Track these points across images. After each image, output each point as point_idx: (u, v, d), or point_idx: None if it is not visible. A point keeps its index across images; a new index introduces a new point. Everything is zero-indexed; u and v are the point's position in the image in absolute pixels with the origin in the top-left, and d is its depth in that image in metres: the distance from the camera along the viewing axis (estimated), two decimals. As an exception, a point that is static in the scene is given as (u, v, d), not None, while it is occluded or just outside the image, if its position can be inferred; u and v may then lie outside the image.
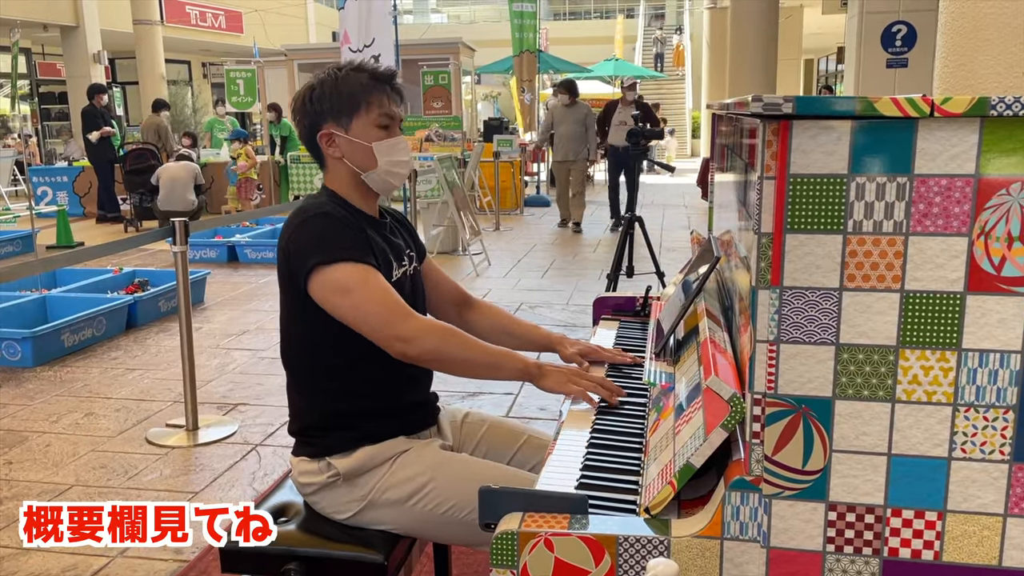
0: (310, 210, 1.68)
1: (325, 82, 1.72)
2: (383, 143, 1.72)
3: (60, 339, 4.83)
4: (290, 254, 1.65)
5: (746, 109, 1.07)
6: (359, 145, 1.71)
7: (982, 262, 1.03)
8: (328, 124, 1.72)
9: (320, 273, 1.60)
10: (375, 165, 1.73)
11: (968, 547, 1.09)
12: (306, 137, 1.76)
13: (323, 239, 1.62)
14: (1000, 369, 1.04)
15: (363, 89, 1.71)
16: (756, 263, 1.08)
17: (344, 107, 1.70)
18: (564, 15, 33.15)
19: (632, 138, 5.57)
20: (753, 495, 1.12)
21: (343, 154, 1.73)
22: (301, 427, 1.76)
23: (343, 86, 1.71)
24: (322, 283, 1.61)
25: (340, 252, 1.61)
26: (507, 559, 1.16)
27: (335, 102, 1.71)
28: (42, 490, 3.12)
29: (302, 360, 1.74)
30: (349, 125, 1.71)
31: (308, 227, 1.65)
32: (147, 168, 9.75)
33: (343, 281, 1.59)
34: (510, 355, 1.69)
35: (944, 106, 0.99)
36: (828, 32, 18.68)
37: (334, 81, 1.71)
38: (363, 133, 1.71)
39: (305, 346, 1.71)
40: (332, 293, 1.60)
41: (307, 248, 1.62)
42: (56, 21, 14.84)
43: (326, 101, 1.71)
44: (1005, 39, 2.10)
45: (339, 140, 1.72)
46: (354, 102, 1.71)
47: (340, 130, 1.71)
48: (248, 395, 4.17)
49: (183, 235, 3.55)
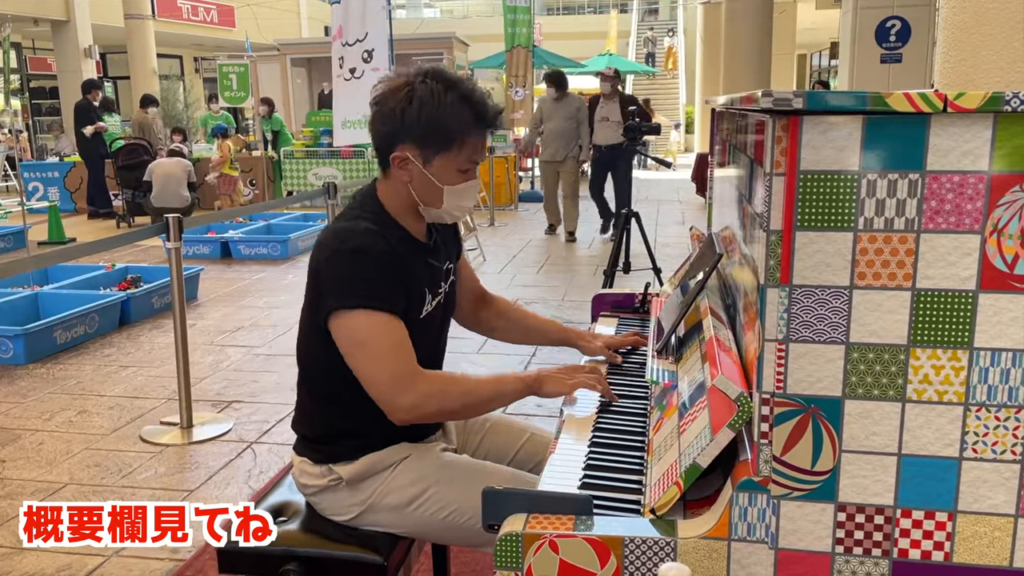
0: (349, 239, 1.54)
1: (426, 104, 1.53)
2: (456, 188, 1.60)
3: (52, 336, 4.80)
4: (319, 279, 1.57)
5: (755, 104, 1.05)
6: (432, 182, 1.59)
7: (995, 260, 1.01)
8: (408, 147, 1.57)
9: (340, 316, 1.53)
10: (439, 205, 1.62)
11: (979, 548, 1.08)
12: (379, 142, 1.61)
13: (352, 280, 1.52)
14: (1012, 368, 1.03)
15: (462, 128, 1.56)
16: (765, 261, 1.06)
17: (434, 140, 1.55)
18: (558, 10, 33.10)
19: (629, 133, 5.54)
20: (761, 496, 1.10)
21: (411, 180, 1.60)
22: (308, 432, 1.73)
23: (443, 117, 1.54)
24: (339, 325, 1.54)
25: (364, 299, 1.51)
26: (511, 561, 1.14)
27: (428, 131, 1.55)
28: (36, 489, 3.09)
29: (316, 370, 1.68)
30: (431, 159, 1.57)
31: (340, 262, 1.54)
32: (139, 164, 9.70)
33: (358, 333, 1.52)
34: (505, 380, 1.63)
35: (957, 101, 0.97)
36: (821, 27, 18.69)
37: (436, 107, 1.53)
38: (442, 173, 1.58)
39: (320, 359, 1.65)
40: (345, 341, 1.54)
41: (334, 285, 1.53)
42: (47, 15, 14.74)
43: (418, 126, 1.54)
44: (1007, 34, 2.09)
45: (413, 168, 1.58)
46: (447, 139, 1.56)
47: (419, 160, 1.57)
48: (243, 392, 4.15)
49: (176, 231, 3.53)
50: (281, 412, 3.84)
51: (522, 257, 7.77)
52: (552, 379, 1.65)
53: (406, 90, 1.55)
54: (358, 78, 5.76)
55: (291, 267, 7.48)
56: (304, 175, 11.51)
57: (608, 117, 8.42)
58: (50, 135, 17.42)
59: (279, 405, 3.94)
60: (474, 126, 1.57)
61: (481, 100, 1.58)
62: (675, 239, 8.46)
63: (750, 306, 1.23)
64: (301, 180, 11.53)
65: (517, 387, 1.63)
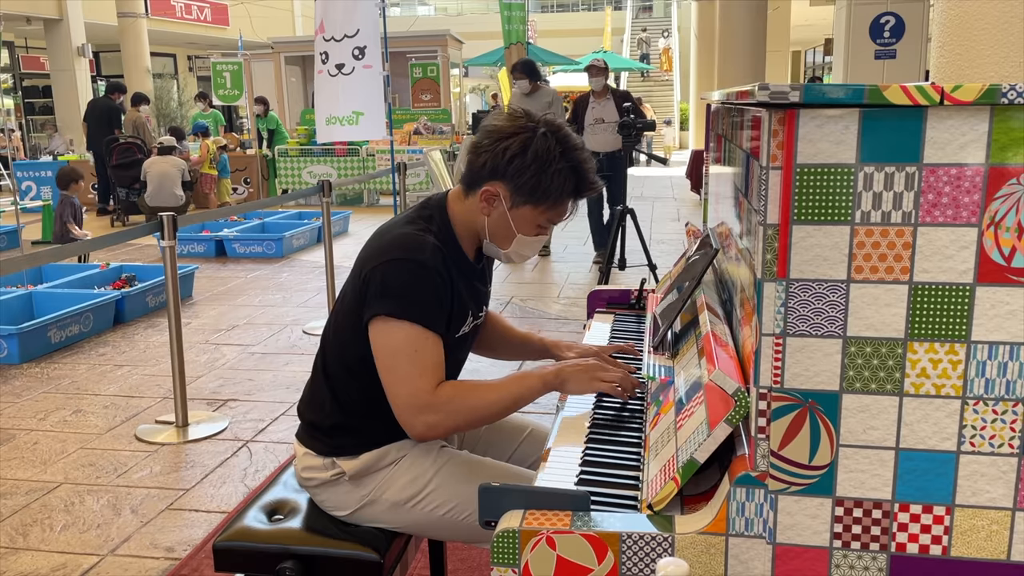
0: (415, 251, 1.55)
1: (539, 159, 1.54)
2: (527, 239, 1.63)
3: (47, 335, 4.78)
4: (368, 280, 1.56)
5: (751, 98, 1.04)
6: (508, 225, 1.60)
7: (992, 253, 1.01)
8: (503, 186, 1.57)
9: (383, 321, 1.53)
10: (506, 247, 1.64)
11: (976, 542, 1.08)
12: (476, 168, 1.60)
13: (404, 290, 1.53)
14: (1010, 361, 1.03)
15: (561, 191, 1.57)
16: (762, 255, 1.06)
17: (531, 192, 1.56)
18: (552, 7, 33.08)
19: (624, 131, 5.51)
20: (759, 491, 1.10)
21: (489, 214, 1.61)
22: (316, 419, 1.71)
23: (549, 177, 1.55)
24: (379, 332, 1.54)
25: (411, 311, 1.52)
26: (508, 558, 1.14)
27: (529, 184, 1.55)
28: (30, 488, 3.08)
29: (340, 362, 1.67)
30: (520, 205, 1.58)
31: (397, 270, 1.54)
32: (133, 162, 9.68)
33: (397, 343, 1.53)
34: (524, 380, 1.61)
35: (954, 94, 0.97)
36: (815, 24, 18.71)
37: (546, 165, 1.54)
38: (522, 222, 1.60)
39: (347, 353, 1.65)
40: (381, 347, 1.54)
41: (389, 290, 1.53)
42: (39, 14, 14.68)
43: (523, 175, 1.55)
44: (1002, 28, 2.09)
45: (497, 208, 1.59)
46: (543, 195, 1.57)
47: (507, 202, 1.58)
48: (238, 391, 4.14)
49: (171, 230, 3.52)
50: (276, 410, 3.84)
51: (517, 254, 7.75)
52: (575, 378, 1.62)
53: (525, 136, 1.56)
54: (347, 74, 5.72)
55: (286, 265, 7.46)
56: (299, 173, 11.50)
57: (602, 118, 7.03)
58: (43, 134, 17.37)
59: (275, 403, 3.93)
60: (571, 193, 1.60)
61: (588, 173, 1.60)
62: (671, 235, 8.47)
63: (747, 301, 1.23)
64: (296, 178, 11.51)
65: (537, 386, 1.61)
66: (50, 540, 2.71)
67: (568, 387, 1.62)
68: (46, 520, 2.84)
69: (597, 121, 7.06)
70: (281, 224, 8.65)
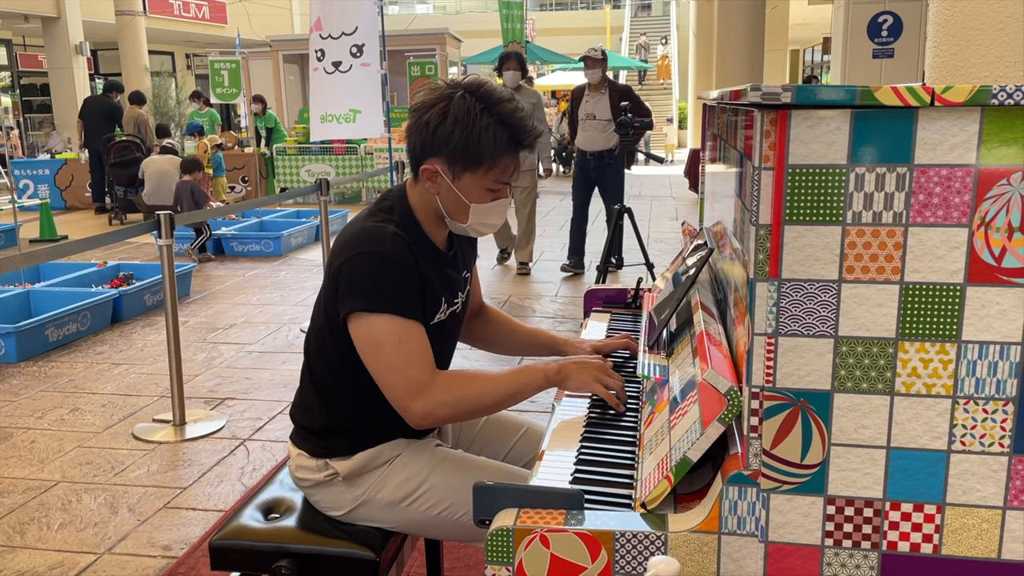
0: (377, 242, 1.53)
1: (460, 121, 1.50)
2: (483, 207, 1.59)
3: (44, 334, 4.78)
4: (338, 280, 1.55)
5: (743, 99, 1.05)
6: (458, 198, 1.57)
7: (982, 253, 1.02)
8: (438, 161, 1.54)
9: (359, 317, 1.52)
10: (465, 221, 1.61)
11: (967, 540, 1.08)
12: (411, 151, 1.59)
13: (373, 283, 1.51)
14: (1000, 361, 1.04)
15: (495, 150, 1.52)
16: (754, 255, 1.06)
17: (465, 159, 1.52)
18: (551, 5, 33.08)
19: (621, 129, 5.48)
20: (751, 489, 1.11)
21: (438, 193, 1.58)
22: (306, 422, 1.72)
23: (476, 137, 1.50)
24: (358, 327, 1.53)
25: (385, 303, 1.50)
26: (502, 556, 1.14)
27: (459, 149, 1.51)
28: (27, 487, 3.08)
29: (323, 363, 1.67)
30: (460, 175, 1.55)
31: (363, 264, 1.52)
32: (131, 161, 9.67)
33: (377, 336, 1.51)
34: (525, 372, 1.60)
35: (945, 95, 0.97)
36: (814, 23, 18.72)
37: (469, 126, 1.50)
38: (470, 190, 1.56)
39: (329, 354, 1.64)
40: (364, 343, 1.53)
41: (358, 285, 1.52)
42: (37, 12, 14.66)
43: (451, 142, 1.51)
44: (998, 28, 2.10)
45: (441, 183, 1.56)
46: (478, 159, 1.52)
47: (448, 174, 1.55)
48: (236, 389, 4.14)
49: (168, 228, 3.52)
50: (274, 409, 3.84)
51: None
52: (577, 374, 1.61)
53: (443, 104, 1.52)
54: (344, 72, 5.71)
55: (284, 264, 7.46)
56: (297, 172, 11.49)
57: (594, 114, 6.35)
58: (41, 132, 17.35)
59: (272, 402, 3.94)
60: (507, 149, 1.54)
61: (519, 122, 1.55)
62: (668, 235, 8.47)
63: (740, 300, 1.23)
64: (294, 177, 11.50)
65: (538, 382, 1.60)
66: (47, 538, 2.71)
67: (568, 383, 1.62)
68: (43, 518, 2.84)
69: (588, 117, 6.37)
70: (279, 223, 8.66)
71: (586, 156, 6.43)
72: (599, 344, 1.88)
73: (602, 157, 6.34)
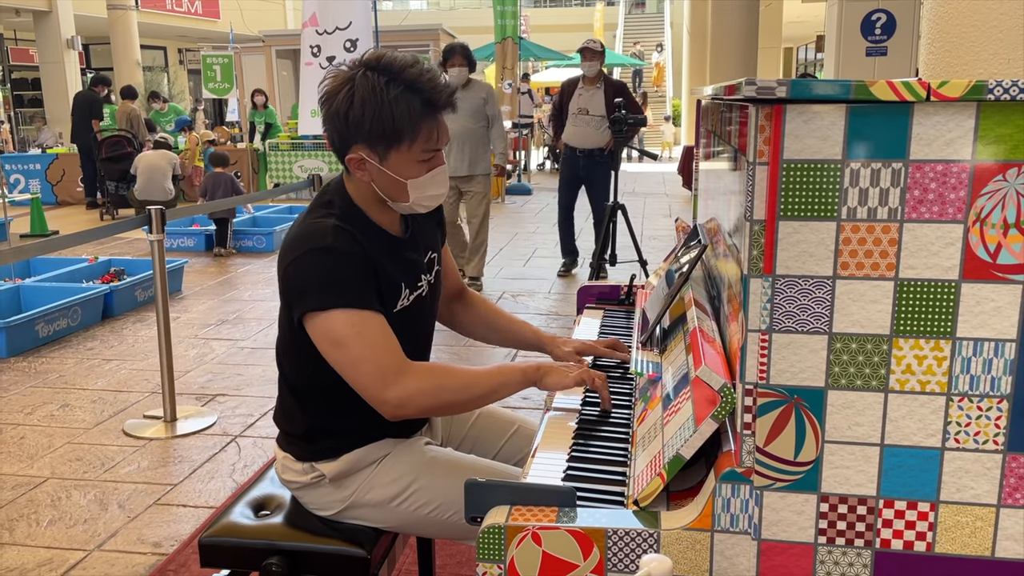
0: (317, 238, 1.49)
1: (368, 102, 1.45)
2: (420, 180, 1.53)
3: (34, 329, 4.75)
4: (287, 283, 1.52)
5: (738, 93, 1.04)
6: (392, 178, 1.52)
7: (977, 249, 1.01)
8: (361, 148, 1.50)
9: (314, 318, 1.48)
10: (407, 199, 1.55)
11: (961, 538, 1.08)
12: (335, 149, 1.56)
13: (321, 281, 1.47)
14: (995, 358, 1.03)
15: (412, 120, 1.47)
16: (748, 251, 1.05)
17: (384, 137, 1.48)
18: (545, 2, 33.03)
19: (616, 126, 5.45)
20: (744, 487, 1.10)
21: (372, 179, 1.54)
22: (289, 428, 1.70)
23: (389, 112, 1.45)
24: (315, 327, 1.49)
25: (336, 298, 1.46)
26: (494, 553, 1.13)
27: (374, 129, 1.47)
28: (16, 483, 3.06)
29: (294, 369, 1.65)
30: (386, 156, 1.50)
31: (308, 263, 1.48)
32: (123, 156, 9.63)
33: (336, 332, 1.46)
34: (505, 371, 1.57)
35: (940, 90, 0.97)
36: (807, 20, 18.73)
37: (379, 104, 1.45)
38: (401, 168, 1.51)
39: (297, 359, 1.62)
40: (324, 341, 1.49)
41: (303, 287, 1.49)
42: (28, 6, 14.58)
43: (364, 124, 1.47)
44: (992, 25, 2.09)
45: (371, 168, 1.52)
46: (397, 134, 1.47)
47: (374, 157, 1.50)
48: (227, 386, 4.12)
49: (160, 223, 3.50)
50: (266, 405, 3.82)
51: (509, 250, 7.75)
52: (555, 371, 1.58)
53: (347, 88, 1.48)
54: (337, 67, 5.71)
55: (276, 260, 7.44)
56: (290, 167, 11.46)
57: (587, 109, 6.08)
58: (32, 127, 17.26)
59: (263, 398, 3.92)
60: (424, 114, 1.48)
61: (429, 84, 1.48)
62: (661, 231, 8.47)
63: (734, 297, 1.23)
64: (287, 172, 11.47)
65: (517, 379, 1.56)
66: (36, 535, 2.69)
67: (547, 380, 1.58)
68: (32, 515, 2.82)
69: (581, 111, 6.08)
70: (272, 218, 8.62)
71: (575, 153, 6.18)
72: (585, 347, 1.81)
73: (593, 155, 6.14)
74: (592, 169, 6.15)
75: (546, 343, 1.86)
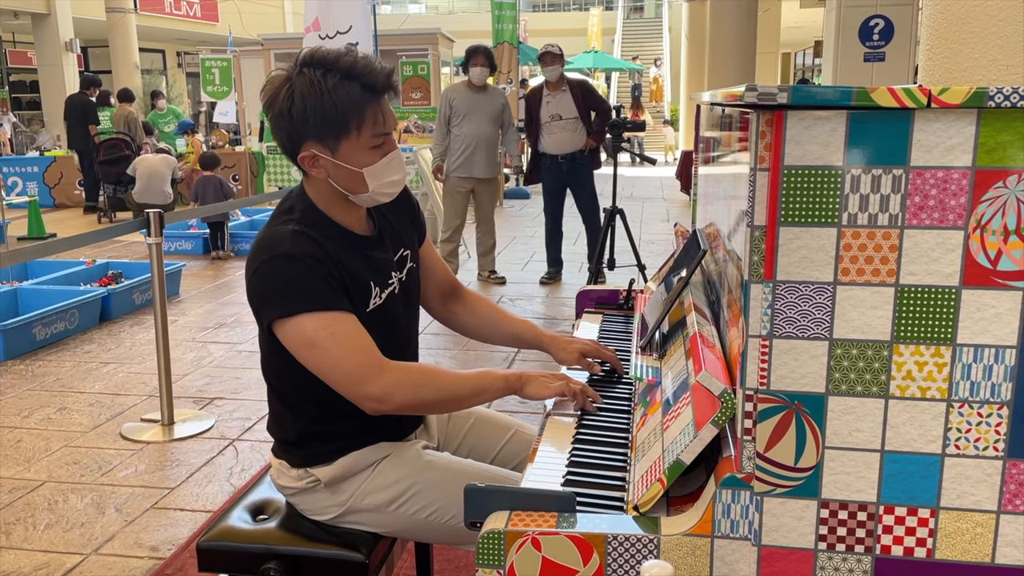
0: (274, 246, 1.49)
1: (308, 96, 1.46)
2: (375, 167, 1.53)
3: (32, 332, 4.74)
4: (252, 293, 1.53)
5: (739, 99, 1.04)
6: (348, 170, 1.52)
7: (978, 256, 1.01)
8: (311, 144, 1.51)
9: (283, 324, 1.48)
10: (367, 190, 1.55)
11: (961, 544, 1.08)
12: (286, 150, 1.55)
13: (285, 287, 1.47)
14: (995, 364, 1.03)
15: (354, 106, 1.47)
16: (749, 257, 1.06)
17: (331, 128, 1.48)
18: (543, 6, 33.08)
19: (614, 130, 5.45)
20: (744, 492, 1.10)
21: (328, 175, 1.54)
22: (281, 435, 1.69)
23: (330, 101, 1.46)
24: (286, 334, 1.49)
25: (302, 303, 1.47)
26: (493, 559, 1.13)
27: (319, 121, 1.47)
28: (13, 487, 3.05)
29: (277, 377, 1.65)
30: (336, 147, 1.50)
31: (268, 271, 1.49)
32: (120, 159, 9.62)
33: (307, 336, 1.47)
34: (486, 376, 1.58)
35: (941, 97, 0.97)
36: (805, 26, 18.79)
37: (319, 95, 1.46)
38: (352, 157, 1.51)
39: (278, 367, 1.62)
40: (297, 346, 1.49)
41: (268, 296, 1.49)
42: (27, 9, 14.58)
43: (309, 119, 1.47)
44: (991, 31, 2.10)
45: (324, 164, 1.52)
46: (343, 123, 1.48)
47: (325, 152, 1.51)
48: (225, 389, 4.12)
49: (158, 226, 3.49)
50: (263, 409, 3.82)
51: (507, 254, 7.75)
52: (535, 380, 1.59)
53: (286, 87, 1.49)
54: None
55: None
56: (288, 170, 11.44)
57: (560, 114, 6.03)
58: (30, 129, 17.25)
59: (261, 402, 3.91)
60: (365, 98, 1.49)
61: (365, 69, 1.49)
62: (660, 236, 8.48)
63: (734, 302, 1.23)
64: (285, 175, 11.46)
65: (498, 385, 1.58)
66: (33, 539, 2.68)
67: (527, 389, 1.59)
68: (29, 519, 2.82)
69: (553, 117, 6.06)
70: (270, 222, 8.60)
71: (557, 160, 6.12)
72: (589, 348, 1.80)
73: (575, 158, 6.12)
74: (576, 171, 6.15)
75: (547, 343, 1.84)
